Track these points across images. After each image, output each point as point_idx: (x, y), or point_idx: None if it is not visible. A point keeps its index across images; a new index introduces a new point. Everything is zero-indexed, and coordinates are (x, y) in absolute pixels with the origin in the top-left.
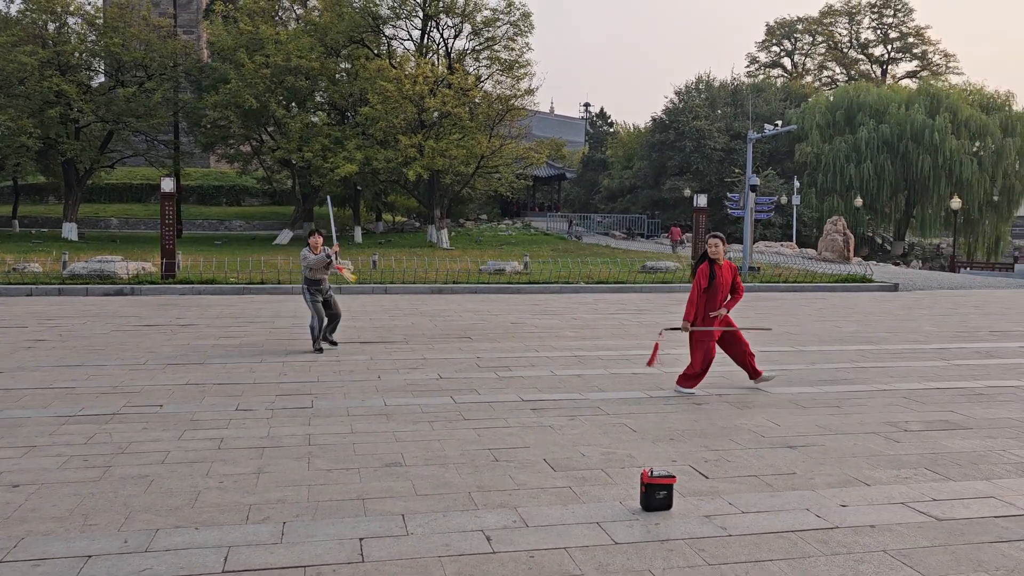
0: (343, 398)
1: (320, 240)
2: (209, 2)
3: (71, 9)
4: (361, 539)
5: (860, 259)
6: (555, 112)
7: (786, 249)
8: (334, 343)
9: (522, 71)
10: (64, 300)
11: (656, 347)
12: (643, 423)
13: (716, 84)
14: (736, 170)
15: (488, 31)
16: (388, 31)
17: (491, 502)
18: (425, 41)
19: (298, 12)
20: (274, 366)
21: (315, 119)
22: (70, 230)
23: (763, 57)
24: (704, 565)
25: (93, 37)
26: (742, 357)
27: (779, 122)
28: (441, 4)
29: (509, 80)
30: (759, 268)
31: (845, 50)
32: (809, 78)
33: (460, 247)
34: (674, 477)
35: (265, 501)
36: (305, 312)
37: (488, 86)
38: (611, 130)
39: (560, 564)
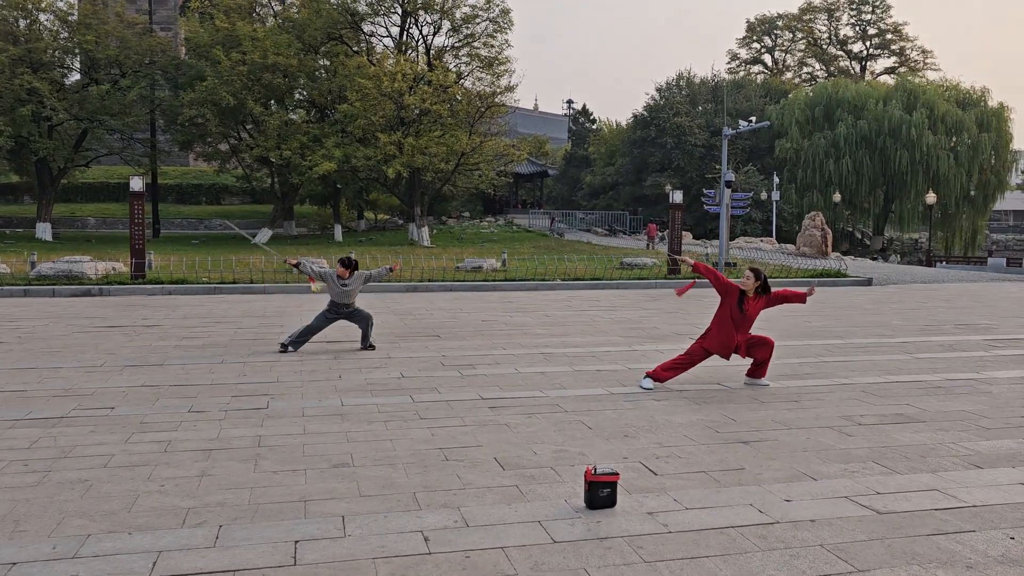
0: (300, 398)
1: (348, 272)
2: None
3: (43, 6)
4: (296, 542)
5: (838, 254)
6: (539, 109)
7: (766, 245)
8: (372, 347)
9: (502, 68)
10: (28, 302)
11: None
12: (600, 420)
13: (697, 81)
14: (716, 166)
15: (467, 28)
16: (367, 28)
17: (435, 502)
18: (404, 38)
19: (276, 8)
20: (234, 367)
21: (294, 117)
22: (44, 230)
23: (744, 54)
24: (640, 563)
25: (66, 34)
26: (764, 356)
27: (753, 118)
28: (419, 1)
29: (489, 77)
30: (735, 264)
31: (824, 46)
32: (789, 74)
33: (441, 245)
34: (617, 474)
35: (204, 504)
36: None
37: (468, 83)
38: (594, 127)
39: (496, 564)
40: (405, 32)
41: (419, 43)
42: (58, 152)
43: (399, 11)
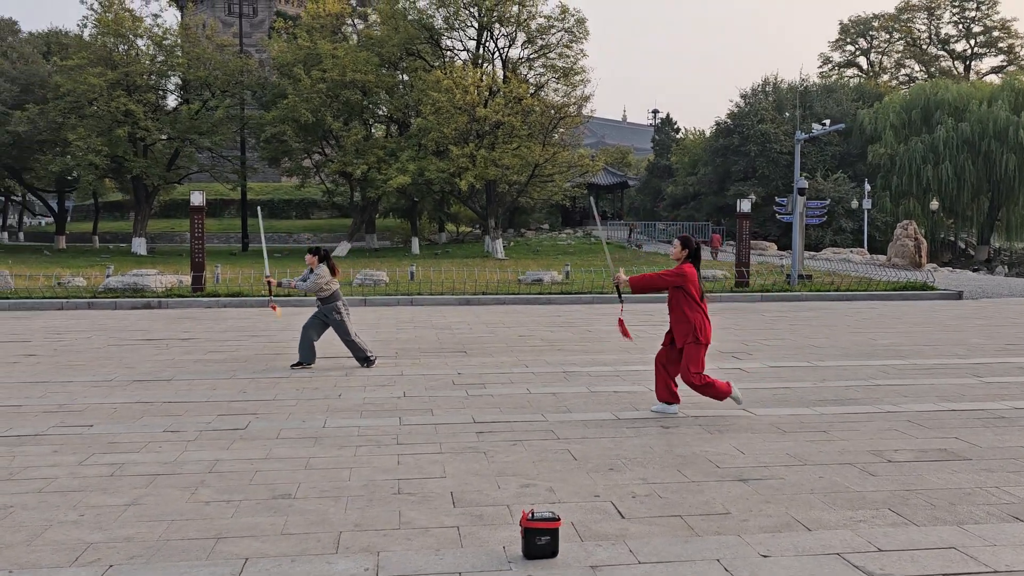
0: (285, 418)
1: (314, 260)
2: (273, 20)
3: (139, 31)
4: None
5: (934, 265)
6: (627, 120)
7: (856, 256)
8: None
9: (577, 78)
10: (88, 314)
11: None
12: (590, 449)
13: (784, 87)
14: (804, 174)
15: (542, 39)
16: (445, 42)
17: (356, 545)
18: (480, 51)
19: (359, 27)
20: (240, 383)
21: (374, 132)
22: (139, 245)
23: (837, 57)
24: None
25: (161, 58)
26: (669, 378)
27: (827, 121)
28: (495, 14)
29: (564, 87)
30: (810, 276)
31: (924, 46)
32: (886, 77)
33: (516, 257)
34: (558, 520)
35: (111, 539)
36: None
37: (542, 94)
38: (677, 136)
39: None
40: (481, 45)
41: (495, 56)
42: (152, 171)
43: (475, 25)
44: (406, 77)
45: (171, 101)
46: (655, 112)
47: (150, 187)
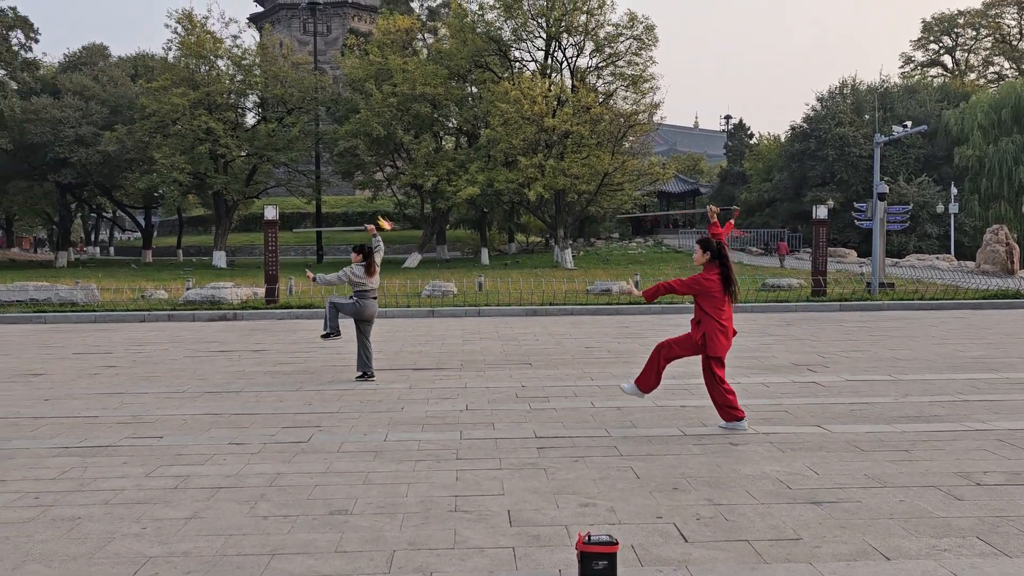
0: (347, 432)
1: (358, 256)
2: (346, 37)
3: (220, 52)
4: None
5: None
6: (699, 126)
7: (942, 262)
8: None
9: (646, 85)
10: (168, 326)
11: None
12: (653, 468)
13: (863, 88)
14: (885, 178)
15: (611, 47)
16: (513, 54)
17: (409, 565)
18: (548, 61)
19: (428, 41)
20: (307, 395)
21: (443, 144)
22: (219, 258)
23: (919, 56)
24: None
25: (240, 77)
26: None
27: (908, 123)
28: (563, 24)
29: (633, 95)
30: (892, 284)
31: (1014, 42)
32: (973, 75)
33: (585, 267)
34: (616, 544)
35: (170, 553)
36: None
37: (611, 102)
38: (751, 141)
39: None
40: (550, 56)
41: (563, 66)
42: (231, 186)
43: (543, 36)
44: (475, 89)
45: (250, 119)
46: (727, 118)
47: (230, 202)
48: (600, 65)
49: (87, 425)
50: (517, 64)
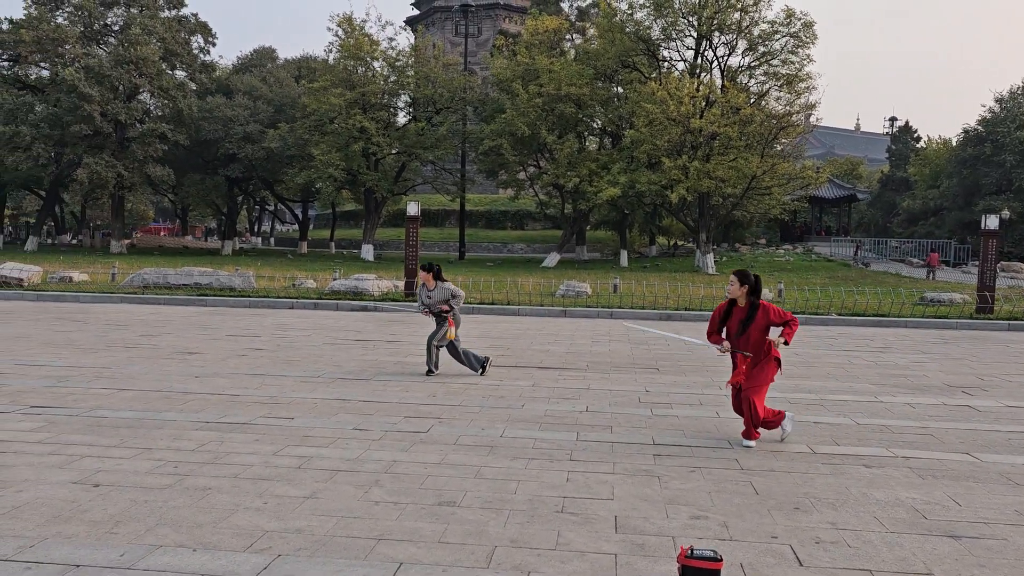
0: (466, 425)
1: (429, 276)
2: (495, 39)
3: (376, 54)
4: None
5: None
6: (860, 128)
7: None
8: (431, 371)
9: (802, 85)
10: (312, 314)
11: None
12: (774, 484)
13: None
14: None
15: (765, 45)
16: (661, 53)
17: (508, 562)
18: (698, 61)
19: (576, 41)
20: (432, 387)
21: (587, 144)
22: (367, 251)
23: None
24: None
25: (394, 78)
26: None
27: None
28: (715, 22)
29: (787, 95)
30: None
31: None
32: None
33: (727, 272)
34: (720, 560)
35: (284, 529)
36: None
37: (763, 102)
38: (917, 145)
39: None
40: (700, 55)
41: (713, 65)
42: (381, 183)
43: (693, 34)
44: (620, 89)
45: (400, 118)
46: (892, 120)
47: (379, 198)
48: (752, 64)
49: (229, 402)
50: (665, 64)
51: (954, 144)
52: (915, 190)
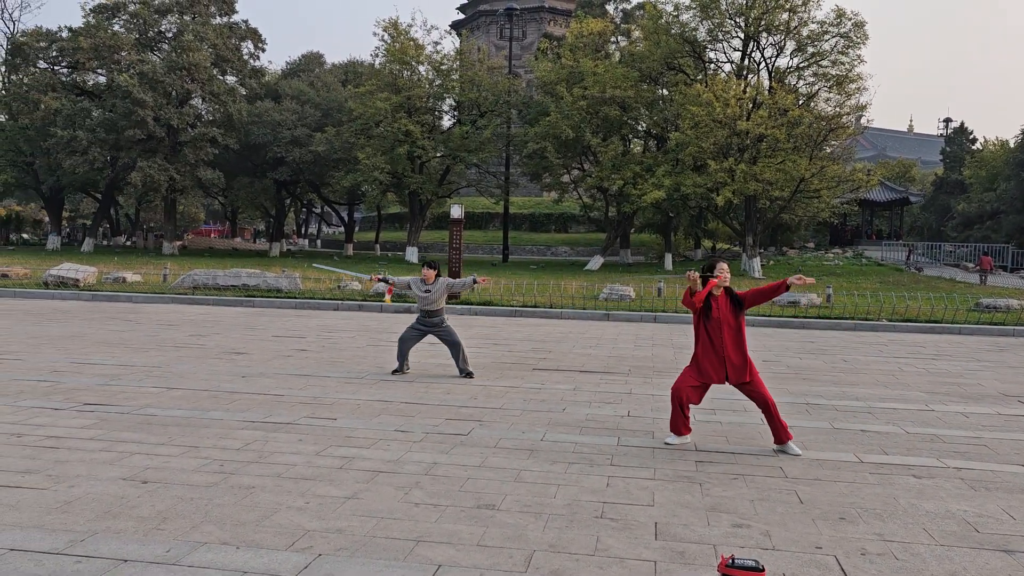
0: (506, 428)
1: (433, 273)
2: (540, 42)
3: (421, 59)
4: None
5: None
6: (913, 130)
7: None
8: (470, 374)
9: (852, 86)
10: (357, 315)
11: None
12: (820, 493)
13: None
14: None
15: (814, 46)
16: (707, 55)
17: (546, 566)
18: (745, 62)
19: (621, 44)
20: (473, 389)
21: (631, 147)
22: (412, 253)
23: None
24: None
25: (439, 82)
26: (764, 410)
27: None
28: (763, 23)
29: (837, 96)
30: None
31: None
32: None
33: (774, 276)
34: (762, 570)
35: (326, 529)
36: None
37: (812, 104)
38: (973, 147)
39: None
40: (747, 56)
41: (760, 66)
42: (426, 186)
43: (740, 36)
44: (665, 92)
45: (445, 121)
46: (947, 121)
47: (423, 201)
48: (801, 65)
49: (274, 402)
50: (711, 66)
51: (1012, 145)
52: (970, 193)
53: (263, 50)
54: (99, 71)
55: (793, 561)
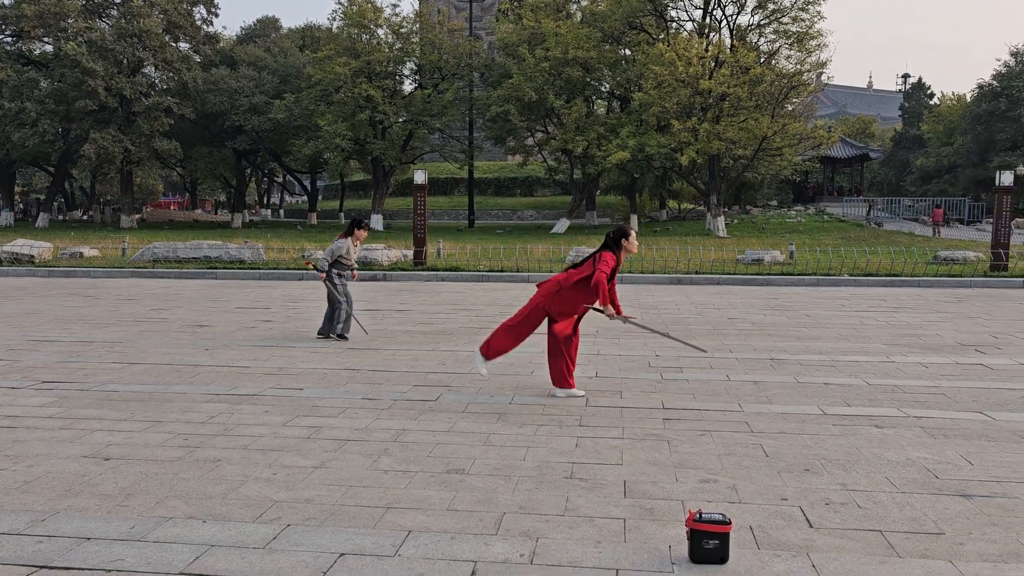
0: (475, 392)
1: (365, 235)
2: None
3: (380, 21)
4: (341, 555)
5: None
6: (872, 87)
7: None
8: (344, 337)
9: (813, 43)
10: (322, 285)
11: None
12: (785, 446)
13: None
14: None
15: (774, 2)
16: (669, 13)
17: (516, 528)
18: (707, 20)
19: (583, 3)
20: (441, 355)
21: (595, 108)
22: (377, 221)
23: None
24: None
25: (399, 45)
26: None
27: None
28: None
29: (798, 54)
30: None
31: None
32: None
33: (738, 235)
34: (729, 523)
35: (294, 499)
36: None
37: (773, 62)
38: (931, 102)
39: None
40: (708, 14)
41: (722, 24)
42: (389, 152)
43: None
44: (628, 52)
45: (406, 86)
46: (905, 76)
47: (387, 167)
48: (762, 22)
49: (239, 374)
50: (673, 24)
51: (968, 100)
52: (929, 148)
53: (216, 15)
54: (45, 40)
55: (760, 513)
